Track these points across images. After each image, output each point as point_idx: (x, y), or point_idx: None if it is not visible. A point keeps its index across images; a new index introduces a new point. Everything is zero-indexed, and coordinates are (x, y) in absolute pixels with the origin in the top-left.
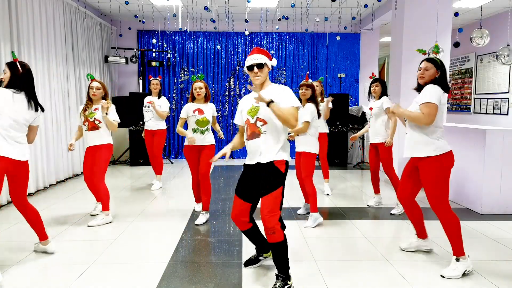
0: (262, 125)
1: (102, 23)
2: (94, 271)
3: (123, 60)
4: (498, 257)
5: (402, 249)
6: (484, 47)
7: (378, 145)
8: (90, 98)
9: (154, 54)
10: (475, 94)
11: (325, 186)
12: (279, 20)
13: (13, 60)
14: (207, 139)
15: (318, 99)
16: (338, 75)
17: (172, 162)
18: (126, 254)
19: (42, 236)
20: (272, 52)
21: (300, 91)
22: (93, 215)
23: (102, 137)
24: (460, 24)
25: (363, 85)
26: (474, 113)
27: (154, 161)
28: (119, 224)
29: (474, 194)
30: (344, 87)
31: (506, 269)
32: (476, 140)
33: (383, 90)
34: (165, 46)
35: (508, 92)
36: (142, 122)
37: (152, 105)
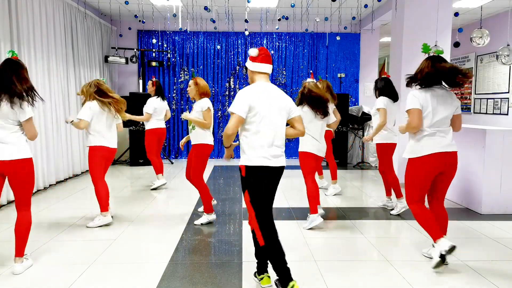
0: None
1: (102, 23)
2: (94, 271)
3: (123, 60)
4: (498, 257)
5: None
6: (484, 47)
7: (376, 145)
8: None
9: (154, 54)
10: (475, 94)
11: (330, 187)
12: (279, 20)
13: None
14: (196, 138)
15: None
16: (338, 75)
17: (172, 162)
18: (126, 254)
19: (20, 251)
20: (272, 52)
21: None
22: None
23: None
24: (460, 24)
25: (363, 85)
26: (474, 113)
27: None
28: (119, 224)
29: (474, 194)
30: (344, 87)
31: (506, 269)
32: (476, 140)
33: (380, 90)
34: (165, 46)
35: (508, 92)
36: (142, 123)
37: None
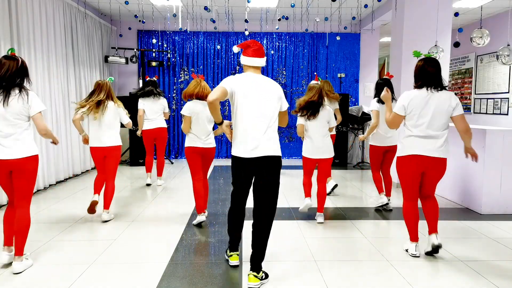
0: None
1: (102, 23)
2: (94, 271)
3: (123, 60)
4: (498, 257)
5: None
6: (484, 47)
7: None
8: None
9: (154, 54)
10: (475, 94)
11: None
12: (279, 20)
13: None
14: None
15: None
16: (338, 75)
17: (172, 162)
18: (126, 254)
19: (19, 250)
20: (272, 52)
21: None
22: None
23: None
24: (460, 24)
25: (363, 85)
26: (474, 113)
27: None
28: (119, 224)
29: (474, 194)
30: (344, 87)
31: (506, 269)
32: (476, 140)
33: (376, 91)
34: (165, 46)
35: (508, 92)
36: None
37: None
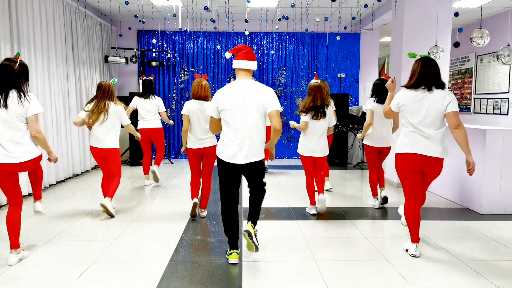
0: None
1: (102, 23)
2: (94, 271)
3: (123, 60)
4: (498, 257)
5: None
6: (484, 47)
7: None
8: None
9: (154, 54)
10: (475, 94)
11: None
12: (279, 20)
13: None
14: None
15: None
16: (338, 75)
17: (172, 162)
18: (126, 254)
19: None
20: (272, 52)
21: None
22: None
23: None
24: (460, 24)
25: (363, 85)
26: (474, 113)
27: None
28: (119, 224)
29: (474, 194)
30: (344, 87)
31: (506, 269)
32: (476, 140)
33: (372, 92)
34: (165, 46)
35: (508, 92)
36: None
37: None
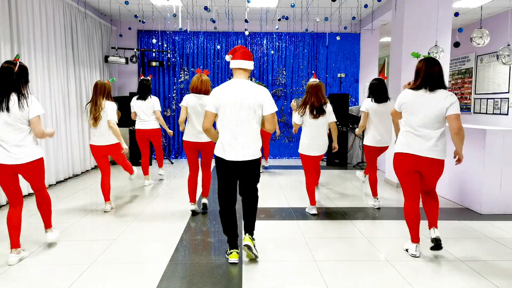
0: None
1: (102, 23)
2: (94, 271)
3: (123, 60)
4: (498, 257)
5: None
6: (484, 47)
7: None
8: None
9: (154, 54)
10: (475, 94)
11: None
12: (279, 20)
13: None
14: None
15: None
16: (338, 75)
17: (172, 162)
18: (126, 254)
19: (48, 223)
20: (272, 52)
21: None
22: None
23: None
24: (460, 24)
25: (363, 85)
26: (474, 113)
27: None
28: (119, 224)
29: (474, 194)
30: (344, 87)
31: (506, 269)
32: (476, 140)
33: (368, 92)
34: (165, 46)
35: (508, 92)
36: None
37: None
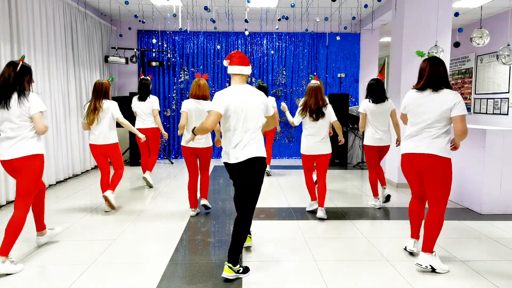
0: None
1: (102, 23)
2: (94, 271)
3: (123, 60)
4: (498, 257)
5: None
6: (484, 47)
7: None
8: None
9: (154, 54)
10: (475, 94)
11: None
12: (279, 20)
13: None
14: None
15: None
16: (338, 75)
17: (172, 162)
18: (126, 254)
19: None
20: (272, 52)
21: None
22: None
23: None
24: (460, 24)
25: (363, 85)
26: (474, 113)
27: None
28: (119, 224)
29: (474, 194)
30: (344, 87)
31: (506, 269)
32: (476, 140)
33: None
34: (165, 46)
35: (508, 92)
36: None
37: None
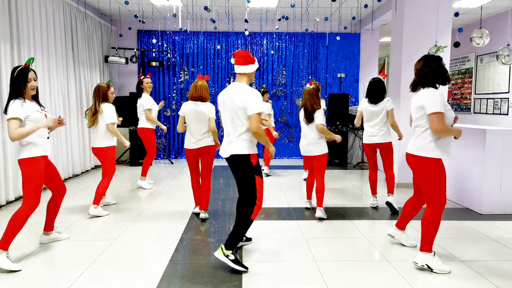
0: None
1: (102, 23)
2: (94, 271)
3: (123, 60)
4: (498, 257)
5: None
6: (484, 47)
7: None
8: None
9: (154, 54)
10: (475, 94)
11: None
12: (279, 20)
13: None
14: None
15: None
16: (338, 75)
17: (172, 162)
18: (126, 254)
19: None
20: (272, 52)
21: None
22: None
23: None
24: (460, 24)
25: (363, 85)
26: (474, 113)
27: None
28: (119, 224)
29: (474, 194)
30: (344, 87)
31: (506, 269)
32: (476, 140)
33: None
34: (165, 46)
35: (508, 92)
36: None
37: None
